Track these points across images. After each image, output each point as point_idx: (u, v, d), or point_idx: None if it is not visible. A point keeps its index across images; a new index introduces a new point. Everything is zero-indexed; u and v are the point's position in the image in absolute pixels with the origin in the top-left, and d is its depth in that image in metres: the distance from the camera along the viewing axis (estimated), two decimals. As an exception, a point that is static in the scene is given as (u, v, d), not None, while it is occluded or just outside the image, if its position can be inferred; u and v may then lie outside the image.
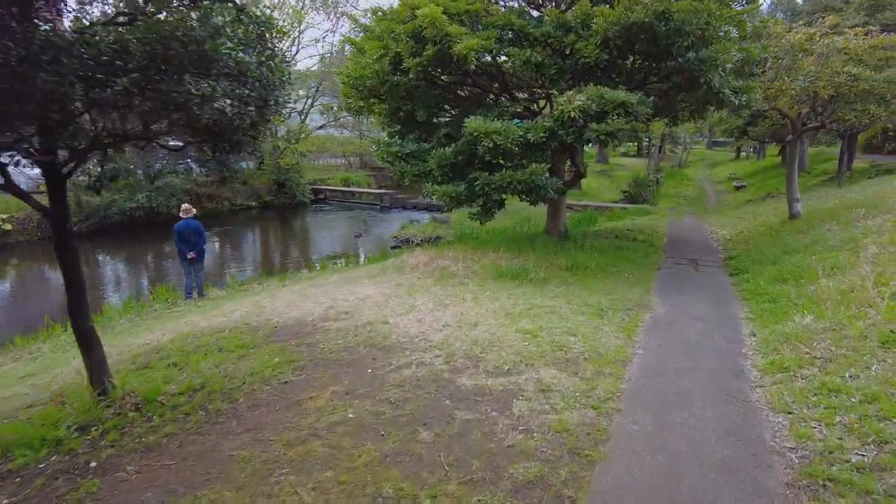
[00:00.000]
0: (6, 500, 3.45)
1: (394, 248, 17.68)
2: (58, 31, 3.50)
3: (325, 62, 33.30)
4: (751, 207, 19.83)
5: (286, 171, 30.20)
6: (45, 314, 10.10)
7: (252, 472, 3.59)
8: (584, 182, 26.51)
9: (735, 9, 9.30)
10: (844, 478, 3.20)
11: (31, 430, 4.25)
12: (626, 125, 8.25)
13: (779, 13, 29.88)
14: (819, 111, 12.91)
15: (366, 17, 12.27)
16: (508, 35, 9.65)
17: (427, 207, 25.56)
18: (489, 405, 4.35)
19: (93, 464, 3.83)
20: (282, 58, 4.94)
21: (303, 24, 31.32)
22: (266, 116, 5.20)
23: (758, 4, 10.79)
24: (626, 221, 17.48)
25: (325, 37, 51.93)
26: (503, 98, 11.27)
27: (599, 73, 9.37)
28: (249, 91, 4.58)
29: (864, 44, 11.18)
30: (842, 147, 21.51)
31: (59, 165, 4.48)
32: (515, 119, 10.48)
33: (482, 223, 10.47)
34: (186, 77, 4.17)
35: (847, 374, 4.40)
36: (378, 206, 29.09)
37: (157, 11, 3.93)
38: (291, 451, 3.80)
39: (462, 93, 11.52)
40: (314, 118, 35.17)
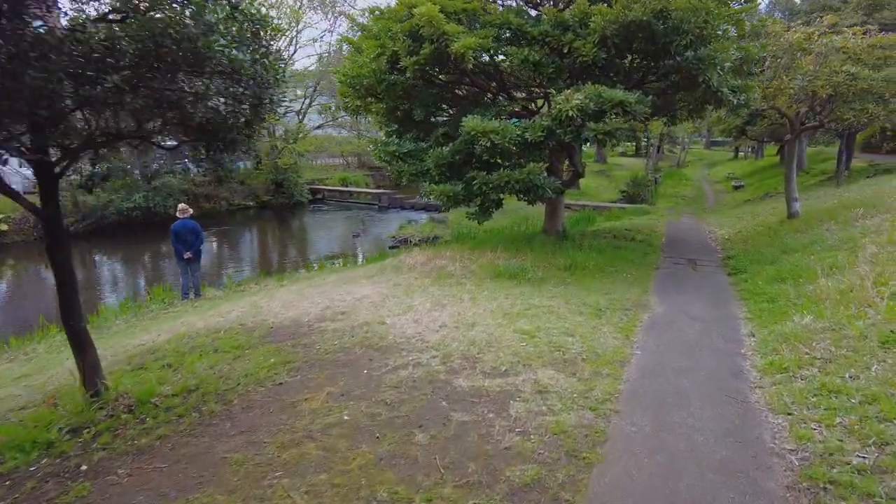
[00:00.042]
0: (-5, 505, 3.41)
1: (392, 248, 17.63)
2: (51, 28, 3.45)
3: (323, 62, 33.23)
4: (749, 207, 19.82)
5: (284, 171, 30.15)
6: (41, 314, 10.04)
7: (245, 475, 3.54)
8: (583, 182, 26.51)
9: (733, 7, 9.27)
10: (845, 480, 3.15)
11: (23, 433, 4.20)
12: (625, 124, 8.21)
13: (777, 13, 29.84)
14: (817, 110, 12.89)
15: (363, 17, 12.25)
16: (506, 34, 9.61)
17: (425, 207, 25.52)
18: (486, 407, 4.30)
19: (84, 467, 3.78)
20: (276, 56, 4.88)
21: (300, 24, 31.25)
22: (261, 115, 5.14)
23: (756, 3, 10.76)
24: (625, 221, 17.45)
25: (323, 36, 51.93)
26: (501, 97, 11.23)
27: (597, 72, 9.33)
28: (243, 89, 4.52)
29: (863, 43, 11.14)
30: (840, 146, 21.50)
31: (51, 165, 4.43)
32: (513, 118, 10.44)
33: (480, 223, 10.42)
34: (180, 75, 4.13)
35: (847, 375, 4.36)
36: (376, 206, 29.05)
37: (151, 9, 3.88)
38: (285, 454, 3.75)
39: (460, 92, 11.48)
40: (312, 118, 35.09)
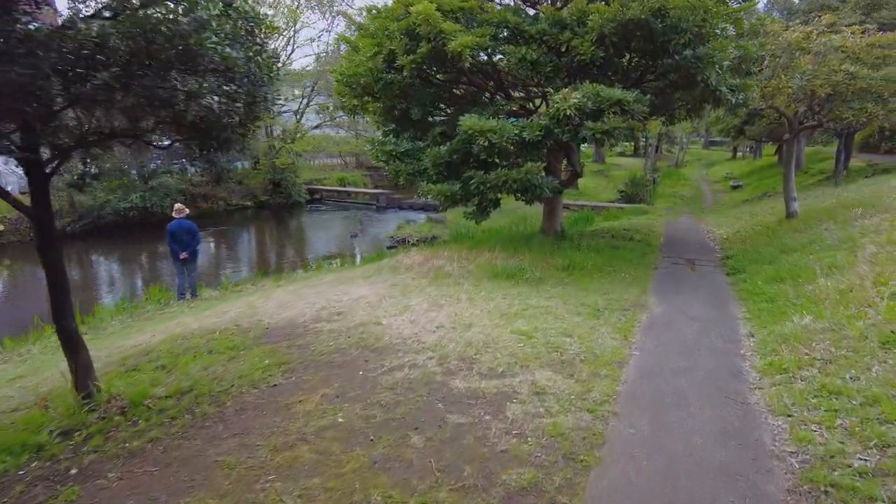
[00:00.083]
0: (-18, 509, 3.35)
1: (390, 248, 17.56)
2: (42, 25, 3.39)
3: (321, 62, 33.14)
4: (747, 207, 19.78)
5: (282, 171, 30.05)
6: (36, 315, 9.95)
7: (237, 479, 3.49)
8: (581, 182, 26.49)
9: (732, 6, 9.22)
10: (847, 484, 3.10)
11: (13, 435, 4.15)
12: (623, 123, 8.16)
13: (775, 12, 29.82)
14: (816, 110, 12.85)
15: (361, 16, 12.18)
16: (504, 33, 9.55)
17: (423, 207, 25.45)
18: (482, 408, 4.25)
19: (73, 470, 3.73)
20: (270, 53, 4.82)
21: (298, 24, 31.17)
22: (255, 113, 5.09)
23: (754, 2, 10.72)
24: (623, 221, 17.40)
25: (321, 36, 51.77)
26: (499, 97, 11.17)
27: (595, 71, 9.28)
28: (237, 87, 4.47)
29: (862, 42, 11.10)
30: (838, 146, 21.47)
31: (42, 164, 4.37)
32: (511, 118, 10.39)
33: (477, 223, 10.36)
34: (173, 73, 4.07)
35: (847, 376, 4.31)
36: (374, 206, 28.97)
37: (143, 6, 3.82)
38: (278, 457, 3.69)
39: (458, 91, 11.42)
40: (310, 118, 34.98)
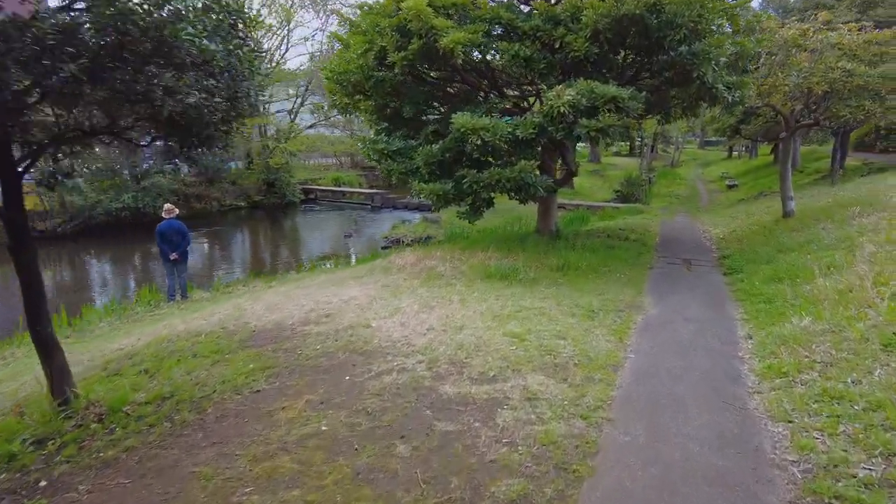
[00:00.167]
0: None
1: (384, 249, 17.40)
2: (6, 13, 3.22)
3: (315, 61, 32.93)
4: (743, 206, 19.68)
5: (276, 171, 29.84)
6: (21, 316, 9.73)
7: (213, 491, 3.32)
8: (577, 181, 26.33)
9: (728, 2, 9.08)
10: (852, 495, 2.95)
11: (-16, 445, 3.97)
12: (618, 121, 8.01)
13: (770, 9, 29.75)
14: (813, 108, 12.75)
15: (355, 13, 12.00)
16: (497, 29, 9.40)
17: (418, 207, 25.26)
18: (472, 415, 4.09)
19: (43, 482, 3.56)
20: (252, 47, 4.65)
21: (292, 23, 30.95)
22: (238, 110, 4.93)
23: (750, -3, 10.60)
24: (619, 221, 17.27)
25: (315, 35, 51.33)
26: (493, 95, 11.02)
27: (590, 68, 9.13)
28: (216, 82, 4.30)
29: (859, 39, 10.99)
30: (834, 145, 21.39)
31: (13, 162, 4.20)
32: (505, 116, 10.23)
33: (471, 222, 10.20)
34: (150, 67, 3.90)
35: (849, 380, 4.17)
36: (369, 206, 28.79)
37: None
38: (257, 468, 3.53)
39: (451, 90, 11.26)
40: (304, 117, 34.77)
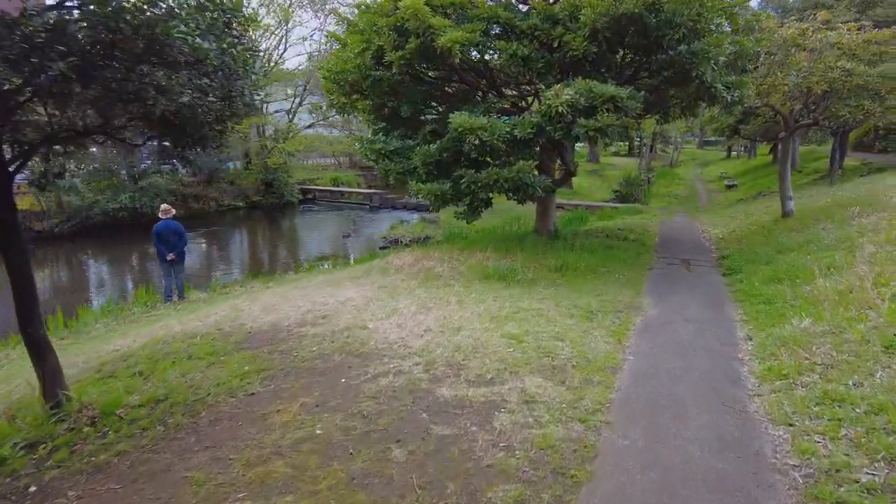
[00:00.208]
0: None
1: (382, 249, 17.33)
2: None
3: (314, 60, 32.86)
4: (742, 206, 19.64)
5: (274, 171, 29.77)
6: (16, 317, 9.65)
7: (205, 497, 3.26)
8: (575, 181, 26.30)
9: (727, 1, 9.03)
10: (854, 501, 2.90)
11: (-26, 449, 3.91)
12: (616, 121, 7.96)
13: (769, 9, 29.72)
14: (812, 108, 12.71)
15: (353, 13, 11.95)
16: (495, 29, 9.35)
17: (417, 207, 25.20)
18: (469, 419, 4.03)
19: (33, 488, 3.50)
20: (246, 46, 4.59)
21: (290, 23, 30.89)
22: (233, 109, 4.87)
23: (749, -5, 10.54)
24: (617, 221, 17.22)
25: (313, 35, 51.22)
26: (491, 94, 10.96)
27: (588, 67, 9.08)
28: (210, 81, 4.24)
29: (858, 38, 10.95)
30: (833, 145, 21.36)
31: (4, 162, 4.14)
32: (504, 116, 10.18)
33: (468, 223, 10.15)
34: (143, 66, 3.85)
35: (850, 382, 4.12)
36: (367, 206, 28.73)
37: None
38: (251, 472, 3.47)
39: (449, 89, 11.20)
40: (303, 117, 34.71)
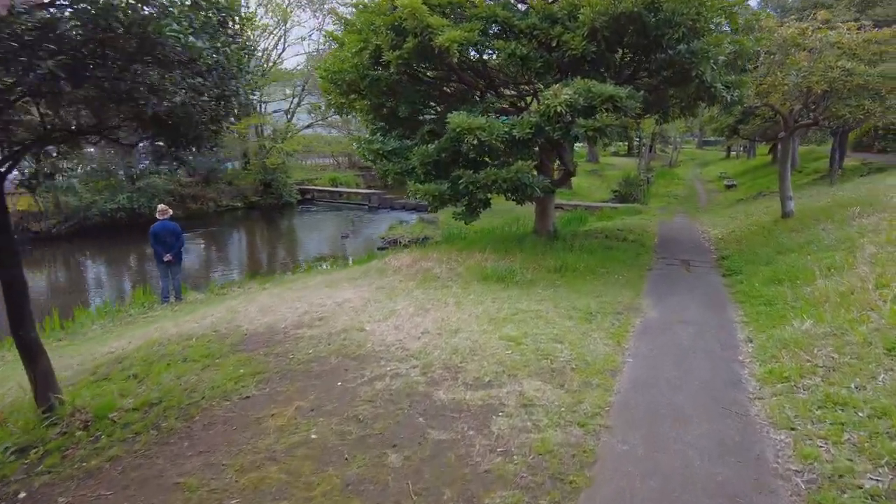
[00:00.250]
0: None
1: (381, 250, 17.28)
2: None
3: (312, 60, 32.79)
4: (742, 206, 19.59)
5: (272, 172, 29.70)
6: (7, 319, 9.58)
7: (197, 503, 3.21)
8: (575, 181, 26.24)
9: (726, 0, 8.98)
10: (858, 508, 2.86)
11: (-36, 454, 3.86)
12: (616, 121, 7.90)
13: (768, 9, 29.69)
14: (812, 107, 12.66)
15: (351, 13, 11.89)
16: (493, 28, 9.29)
17: (415, 207, 25.13)
18: (466, 423, 3.97)
19: (22, 494, 3.44)
20: (241, 44, 4.53)
21: (288, 23, 30.83)
22: (228, 109, 4.82)
23: (749, -6, 10.49)
24: (617, 221, 17.17)
25: (312, 35, 51.13)
26: (489, 94, 10.91)
27: (587, 67, 9.02)
28: (204, 80, 4.18)
29: (858, 38, 10.90)
30: (833, 145, 21.31)
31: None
32: (502, 115, 10.13)
33: (467, 223, 10.10)
34: (135, 65, 3.79)
35: (852, 385, 4.07)
36: (366, 207, 28.67)
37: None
38: (244, 478, 3.41)
39: (447, 89, 11.15)
40: (302, 117, 34.63)
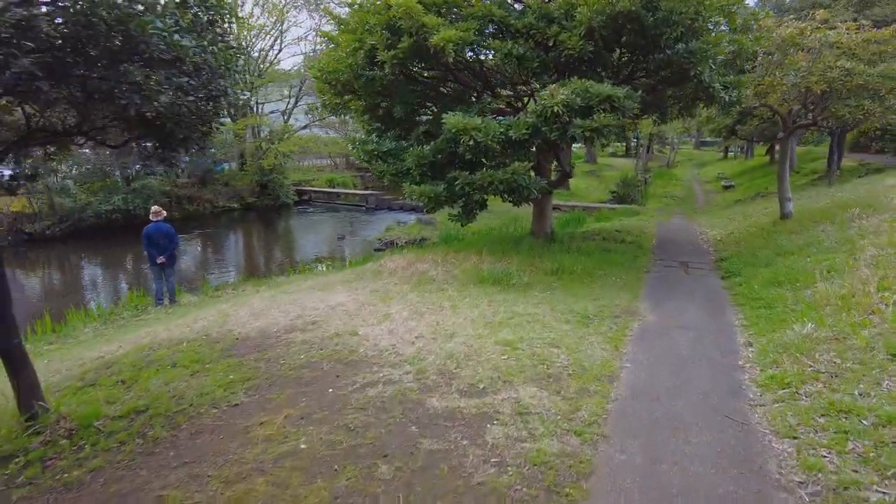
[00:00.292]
0: None
1: (377, 251, 17.16)
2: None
3: (309, 61, 32.65)
4: (740, 207, 19.51)
5: (269, 173, 29.55)
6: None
7: (180, 518, 3.10)
8: (572, 182, 26.18)
9: (725, -2, 8.88)
10: (865, 523, 2.76)
11: (-57, 465, 3.74)
12: (613, 121, 7.80)
13: (767, 8, 29.62)
14: (810, 108, 12.58)
15: (347, 12, 11.78)
16: (489, 28, 9.18)
17: (413, 208, 24.99)
18: (460, 432, 3.86)
19: (0, 508, 3.33)
20: (227, 43, 4.42)
21: (285, 23, 30.70)
22: (218, 108, 4.71)
23: (747, -6, 10.40)
24: (615, 222, 17.07)
25: (308, 35, 51.02)
26: (486, 95, 10.80)
27: (584, 67, 8.92)
28: (190, 80, 4.07)
29: (857, 38, 10.82)
30: (831, 145, 21.25)
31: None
32: (499, 116, 10.02)
33: (463, 225, 9.98)
34: (118, 63, 3.67)
35: (856, 392, 3.97)
36: (364, 208, 28.55)
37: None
38: (229, 491, 3.30)
39: (444, 89, 11.04)
40: (300, 118, 34.49)
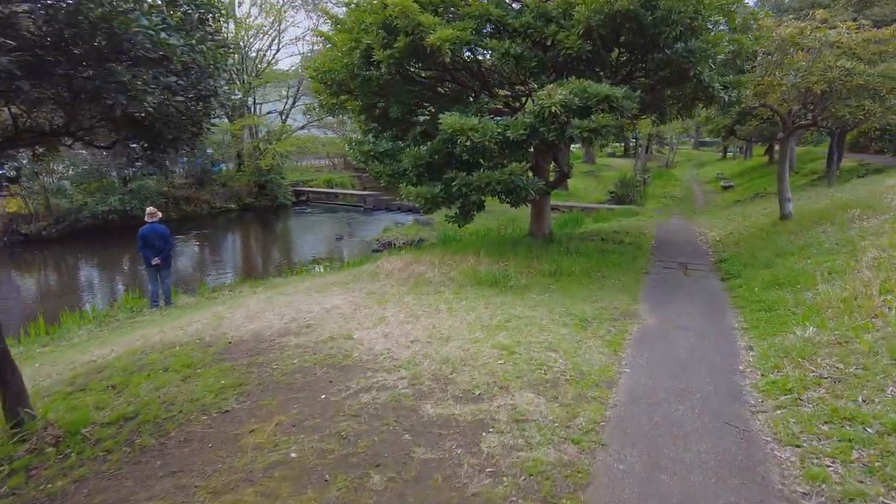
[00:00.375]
0: None
1: (375, 252, 17.08)
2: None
3: (307, 61, 32.53)
4: (739, 208, 19.42)
5: (267, 173, 29.44)
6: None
7: (165, 531, 3.00)
8: (571, 183, 26.10)
9: (724, -4, 8.79)
10: (872, 537, 2.67)
11: (-76, 475, 3.64)
12: (612, 121, 7.71)
13: (766, 8, 29.55)
14: (810, 108, 12.50)
15: (343, 12, 11.70)
16: (487, 27, 9.10)
17: (411, 209, 24.87)
18: (454, 440, 3.77)
19: (-21, 520, 3.23)
20: (219, 42, 4.33)
21: (283, 23, 30.61)
22: (208, 108, 4.63)
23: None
24: (613, 223, 16.98)
25: (306, 35, 50.86)
26: (483, 95, 10.71)
27: (582, 67, 8.83)
28: (178, 79, 3.98)
29: (858, 37, 10.75)
30: (830, 146, 21.18)
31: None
32: (496, 117, 9.93)
33: (460, 226, 9.90)
34: (103, 63, 3.58)
35: (860, 398, 3.88)
36: (362, 208, 28.46)
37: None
38: (216, 502, 3.20)
39: (441, 89, 10.95)
40: (297, 118, 34.38)
